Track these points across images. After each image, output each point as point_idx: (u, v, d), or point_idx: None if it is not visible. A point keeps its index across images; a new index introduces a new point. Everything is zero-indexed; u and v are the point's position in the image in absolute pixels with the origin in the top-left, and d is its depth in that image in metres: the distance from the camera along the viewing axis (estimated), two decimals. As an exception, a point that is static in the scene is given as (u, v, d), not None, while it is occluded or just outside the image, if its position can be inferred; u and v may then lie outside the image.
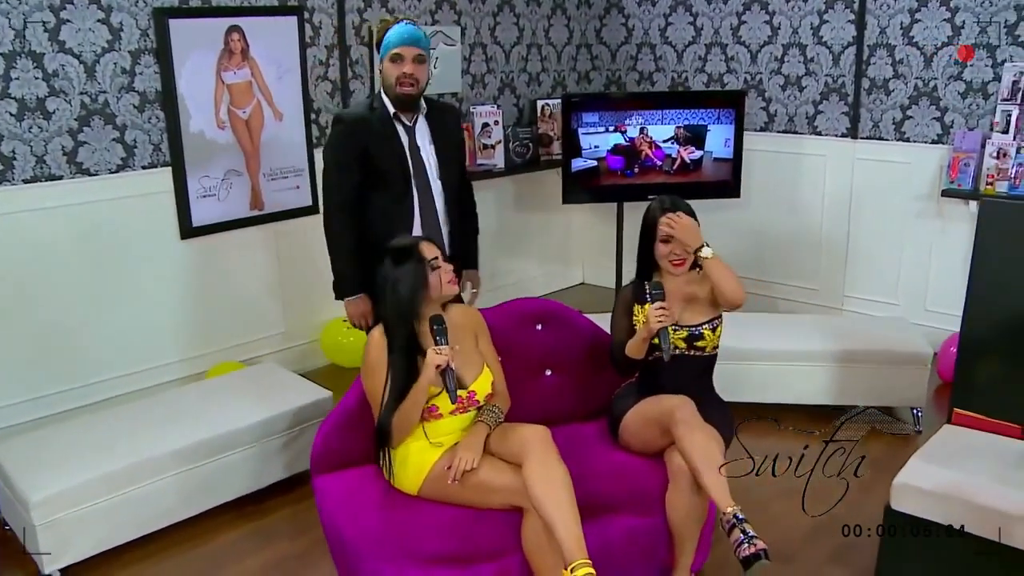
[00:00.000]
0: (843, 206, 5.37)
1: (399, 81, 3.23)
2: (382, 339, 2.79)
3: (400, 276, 2.75)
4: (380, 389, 2.76)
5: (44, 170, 3.94)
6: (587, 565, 2.46)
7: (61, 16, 3.88)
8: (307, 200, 4.79)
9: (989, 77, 4.77)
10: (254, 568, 3.25)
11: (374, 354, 2.79)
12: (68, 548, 3.14)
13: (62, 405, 4.05)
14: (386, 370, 2.75)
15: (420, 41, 3.25)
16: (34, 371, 3.98)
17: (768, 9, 5.43)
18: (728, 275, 2.94)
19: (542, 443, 2.68)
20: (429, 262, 2.78)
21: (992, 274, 3.24)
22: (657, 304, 2.88)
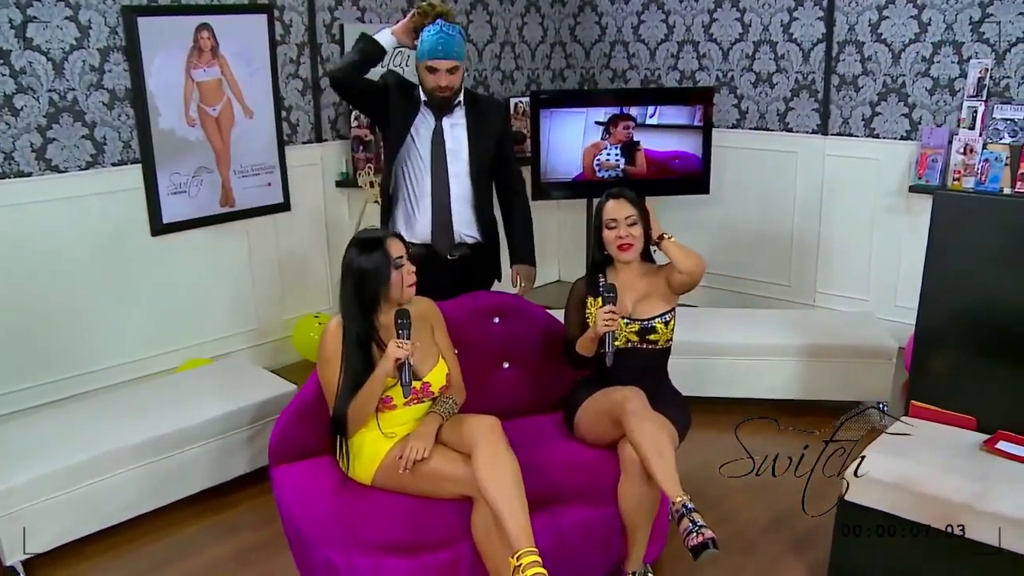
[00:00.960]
0: (814, 203, 5.41)
1: (434, 89, 3.37)
2: (338, 330, 2.81)
3: (365, 268, 2.77)
4: (335, 379, 2.78)
5: (13, 167, 3.96)
6: (533, 553, 2.49)
7: (28, 13, 3.91)
8: (278, 197, 4.82)
9: (956, 74, 4.81)
10: (216, 558, 3.28)
11: (330, 344, 2.81)
12: (30, 539, 3.16)
13: (31, 401, 4.08)
14: (341, 360, 2.78)
15: (453, 52, 3.33)
16: (2, 367, 3.99)
17: (739, 6, 5.47)
18: (686, 250, 3.01)
19: (491, 433, 2.70)
20: (394, 260, 2.79)
21: (946, 267, 3.28)
22: (607, 308, 2.92)
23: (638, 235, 3.02)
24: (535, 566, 2.47)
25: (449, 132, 3.48)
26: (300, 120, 4.90)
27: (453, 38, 3.33)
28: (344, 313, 2.82)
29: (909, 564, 2.88)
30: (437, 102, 3.42)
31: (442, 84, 3.35)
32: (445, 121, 3.47)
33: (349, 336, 2.79)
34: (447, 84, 3.35)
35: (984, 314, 3.20)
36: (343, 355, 2.78)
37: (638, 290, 3.09)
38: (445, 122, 3.48)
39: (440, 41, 3.31)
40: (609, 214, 3.03)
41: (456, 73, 3.36)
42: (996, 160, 4.68)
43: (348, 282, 2.80)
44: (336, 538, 2.69)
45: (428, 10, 3.37)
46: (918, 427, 3.27)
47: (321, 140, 5.00)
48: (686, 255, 2.99)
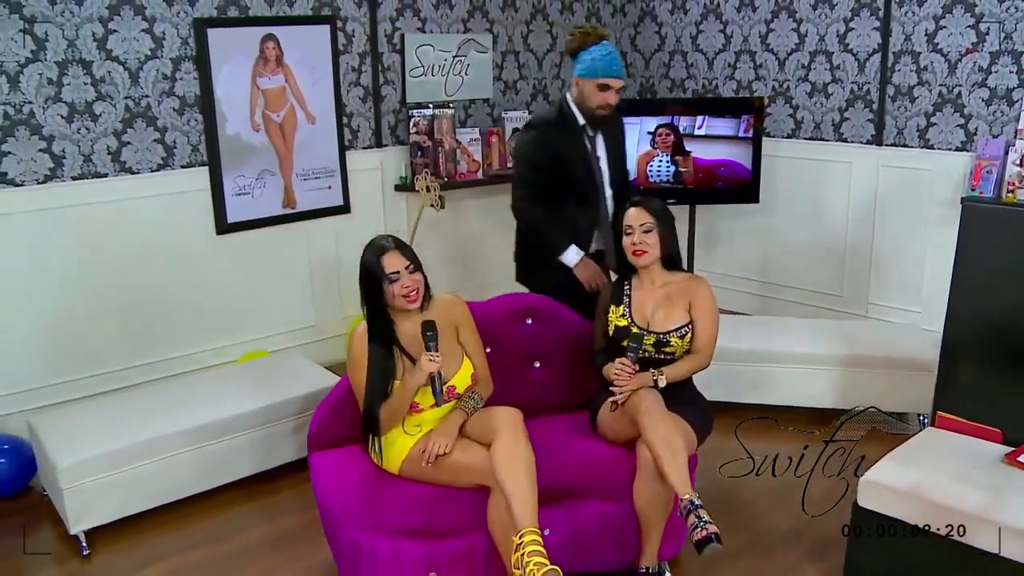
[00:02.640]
0: (868, 213, 5.39)
1: (600, 106, 3.54)
2: (364, 334, 2.97)
3: (366, 274, 2.96)
4: (364, 382, 2.93)
5: (90, 168, 4.26)
6: (535, 532, 2.64)
7: (109, 27, 4.20)
8: (338, 200, 5.05)
9: (1014, 84, 4.76)
10: (258, 539, 3.49)
11: (357, 349, 2.96)
12: (91, 512, 3.43)
13: (101, 387, 4.36)
14: (362, 366, 2.93)
15: (623, 75, 3.58)
16: (77, 354, 4.29)
17: (795, 17, 5.50)
18: (682, 370, 3.14)
19: (512, 424, 2.85)
20: (388, 275, 2.92)
21: (974, 277, 3.29)
22: (618, 362, 3.04)
23: (652, 242, 3.12)
24: (535, 544, 2.61)
25: (600, 147, 3.69)
26: (361, 126, 5.12)
27: (617, 56, 3.54)
28: (366, 314, 2.98)
29: (918, 570, 2.90)
30: (598, 120, 3.59)
31: (611, 102, 3.53)
32: (597, 143, 3.69)
33: (372, 336, 2.94)
34: (615, 102, 3.55)
35: (1012, 326, 3.20)
36: (369, 357, 2.93)
37: (657, 300, 3.18)
38: (597, 138, 3.69)
39: (615, 61, 3.50)
40: (627, 220, 3.14)
41: (620, 93, 3.56)
42: (1053, 172, 4.62)
43: (361, 286, 2.99)
44: (362, 521, 2.87)
45: (591, 31, 3.52)
46: (942, 438, 3.29)
47: (381, 145, 5.22)
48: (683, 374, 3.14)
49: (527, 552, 2.64)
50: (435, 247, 5.29)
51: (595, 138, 3.66)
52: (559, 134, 3.62)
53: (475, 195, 5.52)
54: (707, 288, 3.20)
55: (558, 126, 3.63)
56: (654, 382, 3.06)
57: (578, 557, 3.05)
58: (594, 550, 3.06)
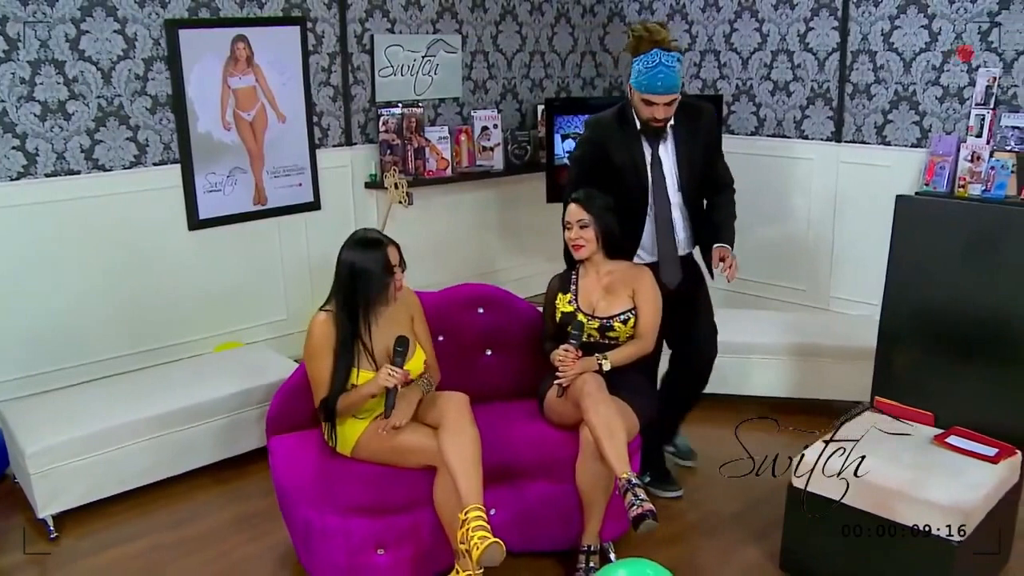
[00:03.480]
0: (828, 208, 5.52)
1: (647, 120, 3.31)
2: (327, 324, 3.05)
3: (366, 268, 3.01)
4: (324, 372, 3.03)
5: (64, 165, 4.38)
6: (479, 509, 2.77)
7: (81, 28, 4.32)
8: (309, 197, 5.18)
9: (964, 82, 4.90)
10: (221, 521, 3.62)
11: (320, 338, 3.04)
12: (59, 497, 3.55)
13: (76, 380, 4.46)
14: (331, 354, 3.02)
15: (672, 86, 3.22)
16: (52, 348, 4.40)
17: (758, 17, 5.63)
18: (624, 355, 3.27)
19: (458, 408, 2.99)
20: (391, 267, 3.04)
21: (907, 268, 3.43)
22: (562, 348, 3.16)
23: (589, 237, 3.27)
24: (479, 520, 2.75)
25: (665, 157, 3.41)
26: (331, 125, 5.25)
27: (672, 69, 3.20)
28: (338, 308, 3.06)
29: (849, 547, 3.03)
30: (653, 131, 3.35)
31: (658, 117, 3.28)
32: (661, 147, 3.41)
33: (341, 328, 3.03)
34: (663, 117, 3.29)
35: (943, 314, 3.34)
36: (336, 347, 3.02)
37: (601, 287, 3.32)
38: (661, 148, 3.41)
39: (659, 75, 3.18)
40: (566, 217, 3.30)
41: (673, 105, 3.29)
42: (1003, 168, 4.75)
43: (344, 278, 3.04)
44: (314, 500, 3.00)
45: (644, 35, 3.22)
46: (878, 421, 3.41)
47: (351, 144, 5.34)
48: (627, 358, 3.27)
49: (471, 527, 2.77)
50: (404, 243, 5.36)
51: (658, 143, 3.39)
52: (612, 136, 3.40)
53: (444, 192, 5.65)
54: (649, 276, 3.33)
55: (613, 127, 3.41)
56: (599, 366, 3.19)
57: (524, 536, 3.18)
58: (539, 529, 3.19)
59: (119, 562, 3.36)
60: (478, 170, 5.67)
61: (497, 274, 5.90)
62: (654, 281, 3.33)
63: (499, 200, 5.98)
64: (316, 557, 3.01)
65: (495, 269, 5.93)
